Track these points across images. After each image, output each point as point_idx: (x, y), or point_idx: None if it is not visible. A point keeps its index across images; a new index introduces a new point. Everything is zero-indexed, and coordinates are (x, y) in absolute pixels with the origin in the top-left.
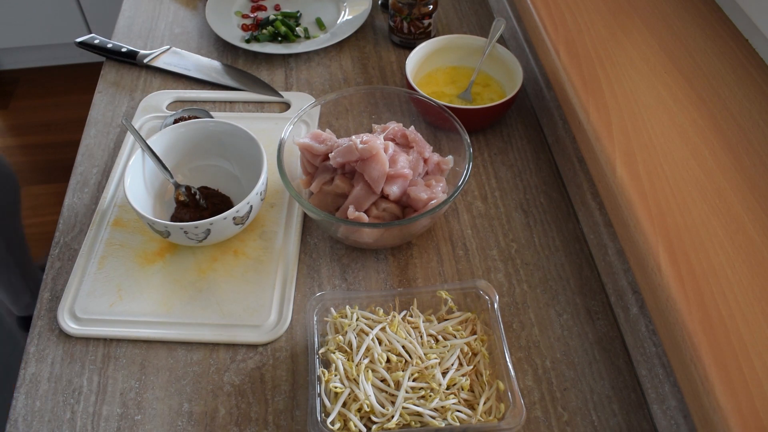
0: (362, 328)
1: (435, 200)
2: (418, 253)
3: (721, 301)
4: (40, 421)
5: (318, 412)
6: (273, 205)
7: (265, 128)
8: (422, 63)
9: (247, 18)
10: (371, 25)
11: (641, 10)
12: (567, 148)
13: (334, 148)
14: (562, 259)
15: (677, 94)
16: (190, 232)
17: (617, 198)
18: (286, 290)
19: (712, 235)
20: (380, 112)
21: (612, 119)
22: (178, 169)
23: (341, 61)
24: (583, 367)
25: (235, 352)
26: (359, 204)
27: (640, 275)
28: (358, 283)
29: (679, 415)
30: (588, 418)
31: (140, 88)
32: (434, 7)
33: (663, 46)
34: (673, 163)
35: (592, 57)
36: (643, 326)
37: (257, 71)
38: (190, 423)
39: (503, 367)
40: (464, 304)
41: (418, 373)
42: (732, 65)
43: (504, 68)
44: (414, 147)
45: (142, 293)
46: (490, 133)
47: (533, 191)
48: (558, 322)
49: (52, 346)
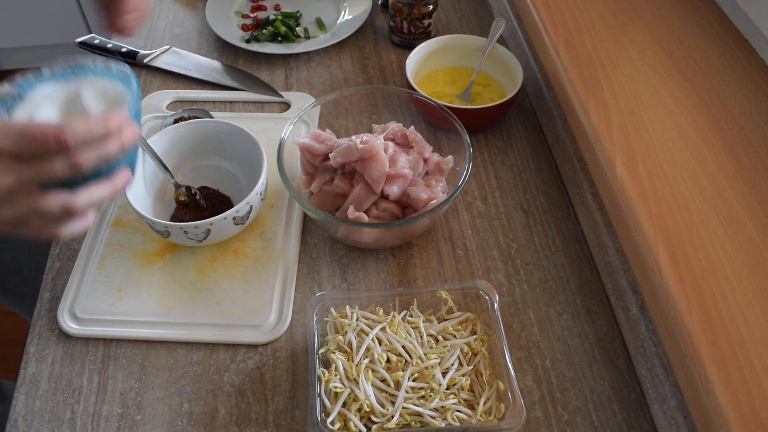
0: (362, 328)
1: (435, 200)
2: (418, 253)
3: (721, 301)
4: (40, 421)
5: (318, 412)
6: (273, 205)
7: (265, 128)
8: (422, 63)
9: (247, 18)
10: (371, 25)
11: (641, 10)
12: (567, 148)
13: (334, 148)
14: (562, 259)
15: (677, 94)
16: (190, 232)
17: (617, 198)
18: (286, 290)
19: (712, 235)
20: (380, 112)
21: (612, 119)
22: (178, 169)
23: (341, 61)
24: (583, 367)
25: (235, 352)
26: (359, 204)
27: (640, 275)
28: (358, 283)
29: (679, 415)
30: (588, 418)
31: (140, 88)
32: (434, 7)
33: (663, 46)
34: (673, 163)
35: (592, 57)
36: (643, 326)
37: (257, 71)
38: (190, 423)
39: (503, 367)
40: (464, 304)
41: (418, 373)
42: (732, 65)
43: (504, 68)
44: (414, 147)
45: (142, 293)
46: (490, 133)
47: (533, 191)
48: (558, 322)
49: (52, 346)
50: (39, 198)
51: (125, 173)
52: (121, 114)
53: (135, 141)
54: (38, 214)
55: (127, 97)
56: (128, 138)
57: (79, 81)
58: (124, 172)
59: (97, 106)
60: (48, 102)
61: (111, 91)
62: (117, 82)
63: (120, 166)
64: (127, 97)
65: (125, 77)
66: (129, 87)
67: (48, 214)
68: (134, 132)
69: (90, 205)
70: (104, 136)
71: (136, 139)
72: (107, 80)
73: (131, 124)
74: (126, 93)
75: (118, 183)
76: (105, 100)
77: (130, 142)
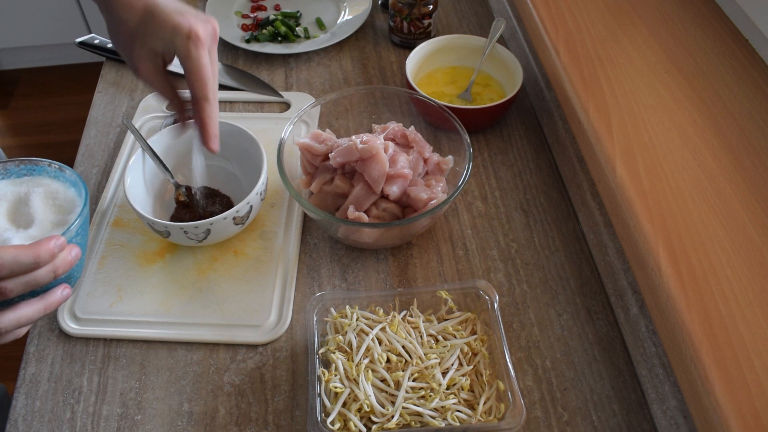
0: (362, 328)
1: (435, 200)
2: (418, 253)
3: (721, 301)
4: (40, 421)
5: (318, 412)
6: (273, 205)
7: (265, 128)
8: (422, 63)
9: (247, 18)
10: (371, 25)
11: (641, 10)
12: (567, 148)
13: (334, 148)
14: (562, 259)
15: (677, 94)
16: (190, 232)
17: (617, 198)
18: (286, 290)
19: (712, 235)
20: (380, 112)
21: (612, 119)
22: (178, 169)
23: (341, 61)
24: (583, 367)
25: (235, 352)
26: (359, 204)
27: (640, 275)
28: (358, 283)
29: (679, 415)
30: (588, 418)
31: (140, 88)
32: (434, 7)
33: (663, 46)
34: (673, 163)
35: (592, 57)
36: (643, 326)
37: (257, 71)
38: (190, 423)
39: (503, 367)
40: (464, 304)
41: (418, 373)
42: (732, 65)
43: (504, 68)
44: (414, 147)
45: (142, 293)
46: (490, 133)
47: (533, 191)
48: (558, 322)
49: (52, 346)
50: None
51: (62, 291)
52: (57, 240)
53: (72, 264)
54: None
55: (77, 205)
56: (63, 264)
57: (31, 181)
58: (62, 289)
59: (44, 211)
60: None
61: (62, 196)
62: (69, 188)
63: (57, 284)
64: (76, 205)
65: (77, 184)
66: (79, 194)
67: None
68: (72, 256)
69: (17, 325)
70: (33, 265)
71: (75, 261)
72: (59, 184)
73: (69, 248)
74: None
75: (52, 302)
76: (53, 207)
77: (66, 267)
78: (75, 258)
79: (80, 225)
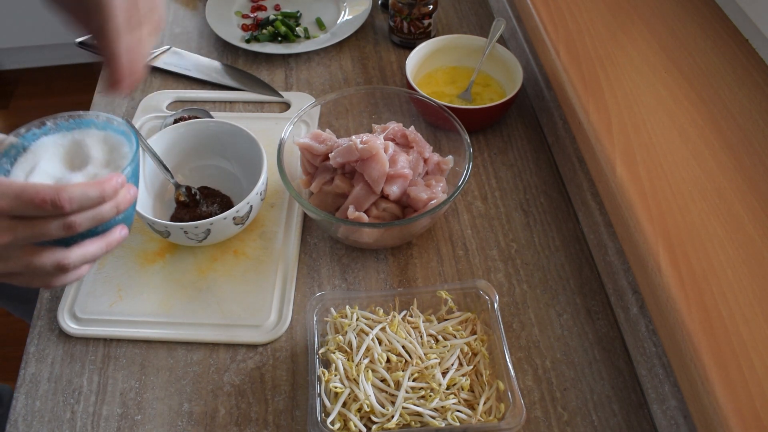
0: (362, 328)
1: (435, 200)
2: (418, 253)
3: (721, 301)
4: (40, 421)
5: (318, 412)
6: (273, 205)
7: (265, 128)
8: (422, 63)
9: (247, 18)
10: (371, 25)
11: (641, 10)
12: (567, 148)
13: (334, 148)
14: (562, 259)
15: (677, 94)
16: (190, 232)
17: (617, 198)
18: (286, 290)
19: (712, 235)
20: (380, 112)
21: (612, 119)
22: (178, 169)
23: (341, 61)
24: (583, 367)
25: (235, 352)
26: (359, 204)
27: (640, 275)
28: (358, 283)
29: (679, 415)
30: (588, 418)
31: (140, 88)
32: (434, 7)
33: (663, 46)
34: (673, 163)
35: (592, 57)
36: (643, 326)
37: (257, 71)
38: (190, 423)
39: (503, 367)
40: (464, 304)
41: (418, 373)
42: (732, 65)
43: (504, 68)
44: (414, 147)
45: (142, 293)
46: (490, 133)
47: (533, 191)
48: (558, 322)
49: (52, 346)
50: (33, 254)
51: (120, 231)
52: (118, 178)
53: (131, 202)
54: (31, 269)
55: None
56: (124, 201)
57: (81, 132)
58: (120, 229)
59: (99, 152)
60: (51, 152)
61: (112, 139)
62: (119, 135)
63: (115, 224)
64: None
65: (126, 132)
66: (129, 141)
67: (41, 270)
68: (130, 194)
69: (83, 261)
70: (100, 199)
71: (133, 200)
72: (109, 132)
73: (128, 187)
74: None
75: (113, 240)
76: (107, 147)
77: (126, 204)
78: (133, 196)
79: (133, 168)
